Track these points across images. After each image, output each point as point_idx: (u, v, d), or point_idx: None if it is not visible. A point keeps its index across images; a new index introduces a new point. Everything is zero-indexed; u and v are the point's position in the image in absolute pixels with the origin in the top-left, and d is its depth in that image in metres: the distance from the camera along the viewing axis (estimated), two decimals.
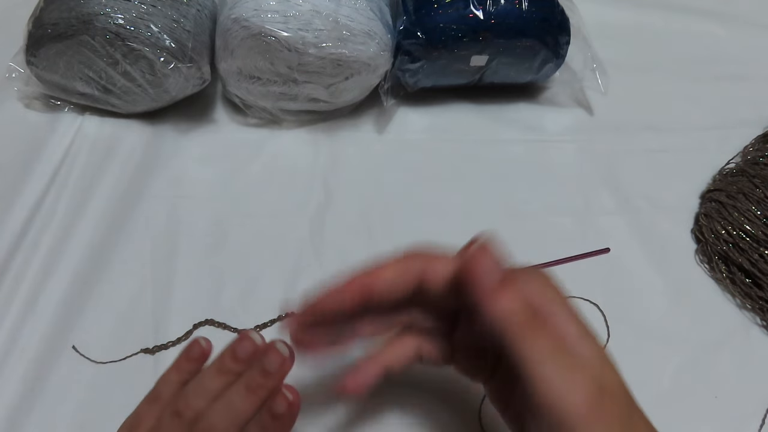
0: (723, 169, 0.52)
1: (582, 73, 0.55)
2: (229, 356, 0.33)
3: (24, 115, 0.54)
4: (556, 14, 0.51)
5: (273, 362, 0.32)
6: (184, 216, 0.48)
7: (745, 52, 0.61)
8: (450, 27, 0.49)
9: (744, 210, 0.47)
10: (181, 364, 0.35)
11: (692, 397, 0.40)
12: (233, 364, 0.33)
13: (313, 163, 0.52)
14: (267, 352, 0.33)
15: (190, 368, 0.35)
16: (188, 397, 0.33)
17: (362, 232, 0.48)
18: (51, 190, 0.49)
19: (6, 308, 0.43)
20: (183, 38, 0.47)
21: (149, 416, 0.33)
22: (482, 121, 0.55)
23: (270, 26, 0.45)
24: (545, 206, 0.50)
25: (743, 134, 0.54)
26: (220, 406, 0.32)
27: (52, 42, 0.47)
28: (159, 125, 0.53)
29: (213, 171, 0.51)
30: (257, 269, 0.45)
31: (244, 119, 0.54)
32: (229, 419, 0.31)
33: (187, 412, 0.32)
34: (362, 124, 0.55)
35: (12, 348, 0.41)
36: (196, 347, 0.35)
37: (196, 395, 0.32)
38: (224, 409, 0.31)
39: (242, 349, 0.33)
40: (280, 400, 0.31)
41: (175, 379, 0.34)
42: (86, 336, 0.42)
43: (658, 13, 0.64)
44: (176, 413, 0.32)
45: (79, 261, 0.45)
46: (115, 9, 0.46)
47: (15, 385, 0.40)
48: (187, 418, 0.32)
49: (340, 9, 0.46)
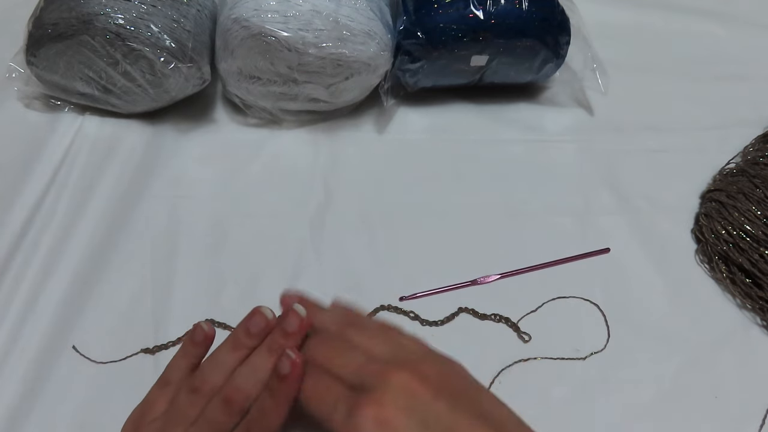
0: (723, 169, 0.52)
1: (582, 73, 0.55)
2: (242, 331, 0.35)
3: (24, 115, 0.54)
4: (556, 14, 0.51)
5: (293, 323, 0.33)
6: (184, 216, 0.48)
7: (745, 52, 0.61)
8: (450, 27, 0.49)
9: (744, 210, 0.47)
10: (186, 348, 0.36)
11: (692, 397, 0.40)
12: (247, 339, 0.34)
13: (313, 163, 0.52)
14: (287, 314, 0.34)
15: (196, 352, 0.36)
16: (204, 374, 0.34)
17: (362, 232, 0.48)
18: (51, 190, 0.49)
19: (6, 308, 0.43)
20: (183, 38, 0.47)
21: (161, 400, 0.34)
22: (482, 121, 0.55)
23: (270, 26, 0.45)
24: (545, 206, 0.50)
25: (743, 134, 0.54)
26: (245, 369, 0.33)
27: (53, 42, 0.47)
28: (159, 125, 0.53)
29: (213, 171, 0.51)
30: (257, 269, 0.45)
31: (244, 119, 0.54)
32: (254, 379, 0.33)
33: (204, 387, 0.33)
34: (362, 124, 0.55)
35: (12, 348, 0.41)
36: (199, 331, 0.36)
37: (212, 371, 0.34)
38: (249, 371, 0.33)
39: (255, 324, 0.34)
40: (284, 361, 0.32)
41: (183, 364, 0.36)
42: (86, 336, 0.42)
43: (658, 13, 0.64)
44: (193, 389, 0.33)
45: (79, 261, 0.45)
46: (115, 9, 0.46)
47: (15, 385, 0.40)
48: (204, 393, 0.33)
49: (340, 9, 0.46)
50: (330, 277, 0.46)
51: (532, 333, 0.43)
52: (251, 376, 0.33)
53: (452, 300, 0.45)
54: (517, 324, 0.44)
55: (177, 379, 0.35)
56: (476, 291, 0.45)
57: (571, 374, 0.42)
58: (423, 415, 0.28)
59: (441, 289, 0.45)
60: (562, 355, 0.42)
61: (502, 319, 0.44)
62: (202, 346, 0.36)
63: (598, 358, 0.42)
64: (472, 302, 0.44)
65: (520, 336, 0.43)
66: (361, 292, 0.45)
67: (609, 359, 0.42)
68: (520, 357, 0.42)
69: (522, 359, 0.42)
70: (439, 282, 0.45)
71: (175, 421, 0.33)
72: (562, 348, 0.43)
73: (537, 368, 0.42)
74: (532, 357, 0.42)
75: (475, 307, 0.44)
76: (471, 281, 0.45)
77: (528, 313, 0.44)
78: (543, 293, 0.45)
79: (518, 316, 0.44)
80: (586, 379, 0.41)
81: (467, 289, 0.45)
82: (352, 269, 0.46)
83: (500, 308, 0.44)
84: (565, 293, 0.45)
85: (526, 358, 0.42)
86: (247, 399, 0.33)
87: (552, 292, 0.45)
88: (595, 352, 0.42)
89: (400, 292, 0.45)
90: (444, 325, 0.44)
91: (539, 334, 0.43)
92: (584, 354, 0.42)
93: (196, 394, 0.33)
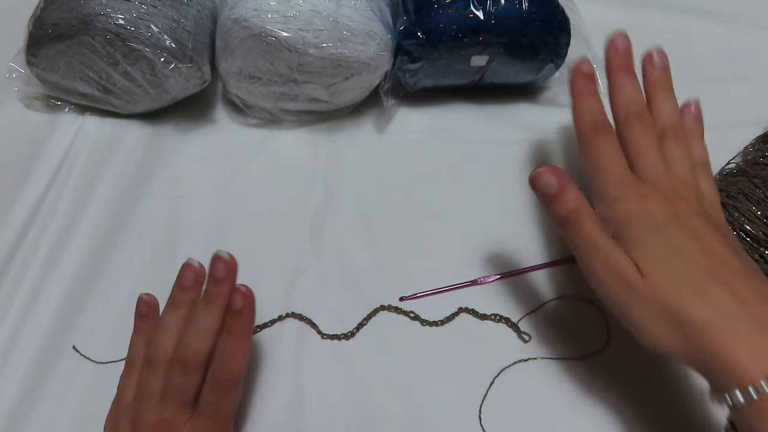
0: (723, 169, 0.52)
1: None
2: (177, 289, 0.36)
3: (24, 115, 0.54)
4: (556, 14, 0.51)
5: (219, 269, 0.35)
6: (184, 216, 0.48)
7: (745, 52, 0.61)
8: (450, 27, 0.49)
9: (744, 210, 0.47)
10: (137, 326, 0.38)
11: (692, 397, 0.40)
12: (182, 294, 0.36)
13: (313, 163, 0.52)
14: (212, 262, 0.35)
15: (145, 325, 0.37)
16: (155, 342, 0.35)
17: (362, 232, 0.48)
18: (51, 190, 0.49)
19: (6, 308, 0.43)
20: (183, 38, 0.47)
21: (130, 385, 0.36)
22: (482, 121, 0.55)
23: (270, 26, 0.45)
24: None
25: (743, 134, 0.54)
26: (190, 327, 0.34)
27: (53, 42, 0.47)
28: (159, 125, 0.53)
29: (213, 171, 0.51)
30: (257, 269, 0.45)
31: (244, 119, 0.54)
32: (200, 334, 0.34)
33: (158, 356, 0.34)
34: (362, 124, 0.55)
35: (12, 348, 0.41)
36: (141, 304, 0.38)
37: (162, 337, 0.35)
38: (194, 328, 0.34)
39: (185, 278, 0.36)
40: (235, 297, 0.34)
41: (139, 341, 0.37)
42: (86, 336, 0.42)
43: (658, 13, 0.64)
44: (150, 362, 0.35)
45: (79, 261, 0.45)
46: (115, 9, 0.46)
47: (15, 385, 0.40)
48: (160, 361, 0.34)
49: (340, 9, 0.46)
50: (330, 277, 0.46)
51: (532, 333, 0.43)
52: (197, 331, 0.34)
53: (452, 300, 0.45)
54: (517, 324, 0.44)
55: (138, 357, 0.36)
56: (476, 291, 0.45)
57: (571, 374, 0.42)
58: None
59: (441, 289, 0.45)
60: (562, 355, 0.42)
61: (502, 319, 0.44)
62: (149, 317, 0.38)
63: (598, 358, 0.42)
64: (472, 302, 0.44)
65: (520, 336, 0.43)
66: (361, 292, 0.45)
67: (609, 359, 0.42)
68: (520, 357, 0.42)
69: (522, 359, 0.42)
70: (439, 282, 0.45)
71: (145, 400, 0.34)
72: (562, 348, 0.43)
73: (537, 368, 0.42)
74: (532, 357, 0.42)
75: (475, 307, 0.44)
76: (471, 281, 0.45)
77: (528, 313, 0.44)
78: (543, 293, 0.45)
79: (518, 316, 0.44)
80: (586, 379, 0.41)
81: (467, 289, 0.45)
82: (352, 269, 0.46)
83: (500, 308, 0.44)
84: (565, 293, 0.45)
85: (526, 358, 0.42)
86: (198, 353, 0.34)
87: (552, 292, 0.45)
88: (595, 352, 0.43)
89: (400, 292, 0.45)
90: (444, 325, 0.44)
91: (539, 334, 0.43)
92: (584, 354, 0.42)
93: (153, 365, 0.34)
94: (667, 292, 0.32)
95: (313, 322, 0.43)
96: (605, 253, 0.33)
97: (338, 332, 0.43)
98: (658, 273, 0.32)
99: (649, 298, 0.32)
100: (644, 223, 0.34)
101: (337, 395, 0.41)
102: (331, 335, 0.43)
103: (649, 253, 0.33)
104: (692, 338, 0.30)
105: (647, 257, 0.33)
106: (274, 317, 0.44)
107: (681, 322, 0.31)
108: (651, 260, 0.33)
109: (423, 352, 0.43)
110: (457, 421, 0.40)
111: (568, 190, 0.35)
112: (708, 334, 0.30)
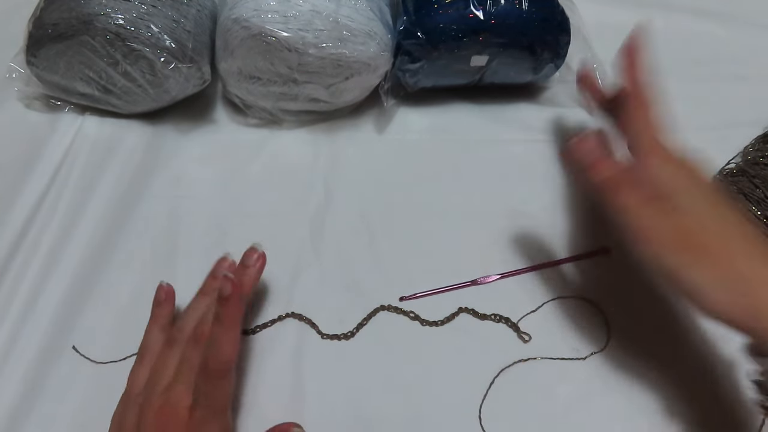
0: (723, 169, 0.52)
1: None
2: (209, 278, 0.42)
3: (24, 115, 0.54)
4: (556, 14, 0.51)
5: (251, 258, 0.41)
6: (184, 216, 0.48)
7: (745, 52, 0.61)
8: (450, 27, 0.49)
9: (744, 210, 0.47)
10: (154, 313, 0.41)
11: (693, 397, 0.40)
12: (214, 282, 0.41)
13: (313, 163, 0.52)
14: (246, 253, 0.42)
15: (164, 312, 0.41)
16: (179, 324, 0.39)
17: (362, 232, 0.48)
18: (51, 190, 0.49)
19: (6, 308, 0.43)
20: (183, 38, 0.47)
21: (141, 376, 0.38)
22: (482, 121, 0.55)
23: (270, 26, 0.45)
24: (545, 206, 0.50)
25: (743, 134, 0.54)
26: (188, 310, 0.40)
27: (53, 42, 0.47)
28: (159, 125, 0.53)
29: (213, 171, 0.51)
30: None
31: (244, 119, 0.54)
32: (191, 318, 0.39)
33: (180, 336, 0.38)
34: (362, 124, 0.55)
35: (12, 348, 0.41)
36: (160, 291, 0.41)
37: (187, 318, 0.39)
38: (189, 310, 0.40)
39: (219, 269, 0.42)
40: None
41: (156, 329, 0.40)
42: (86, 336, 0.42)
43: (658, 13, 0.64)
44: (169, 343, 0.38)
45: (79, 261, 0.45)
46: (115, 9, 0.46)
47: (15, 385, 0.40)
48: (180, 340, 0.38)
49: (340, 9, 0.46)
50: (330, 277, 0.46)
51: (532, 333, 0.43)
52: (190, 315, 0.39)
53: (452, 300, 0.45)
54: (517, 324, 0.44)
55: (152, 346, 0.39)
56: (476, 291, 0.45)
57: (571, 374, 0.42)
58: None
59: (441, 289, 0.45)
60: (562, 355, 0.42)
61: (502, 319, 0.44)
62: (167, 304, 0.41)
63: (598, 358, 0.42)
64: (472, 302, 0.44)
65: (520, 336, 0.43)
66: (361, 292, 0.45)
67: (609, 359, 0.42)
68: (520, 357, 0.42)
69: (522, 359, 0.42)
70: (439, 282, 0.45)
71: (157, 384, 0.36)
72: (562, 348, 0.43)
73: (537, 368, 0.42)
74: (532, 357, 0.42)
75: (475, 307, 0.44)
76: (471, 281, 0.45)
77: (528, 313, 0.44)
78: (543, 293, 0.45)
79: (518, 316, 0.44)
80: (586, 379, 0.41)
81: (467, 289, 0.45)
82: (352, 269, 0.46)
83: (500, 308, 0.44)
84: (565, 293, 0.45)
85: (526, 358, 0.42)
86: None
87: (552, 292, 0.45)
88: (595, 352, 0.43)
89: (400, 292, 0.45)
90: (444, 325, 0.44)
91: (539, 334, 0.43)
92: (584, 354, 0.42)
93: (174, 344, 0.38)
94: (720, 250, 0.32)
95: (313, 322, 0.43)
96: (649, 217, 0.34)
97: (338, 332, 0.43)
98: (708, 233, 0.33)
99: (705, 257, 0.32)
100: (690, 186, 0.35)
101: (337, 395, 0.41)
102: (331, 335, 0.43)
103: (696, 214, 0.34)
104: (751, 294, 0.31)
105: (693, 218, 0.34)
106: (274, 317, 0.44)
107: (737, 278, 0.31)
108: (699, 221, 0.34)
109: (423, 352, 0.43)
110: (457, 421, 0.40)
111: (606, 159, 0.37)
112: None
